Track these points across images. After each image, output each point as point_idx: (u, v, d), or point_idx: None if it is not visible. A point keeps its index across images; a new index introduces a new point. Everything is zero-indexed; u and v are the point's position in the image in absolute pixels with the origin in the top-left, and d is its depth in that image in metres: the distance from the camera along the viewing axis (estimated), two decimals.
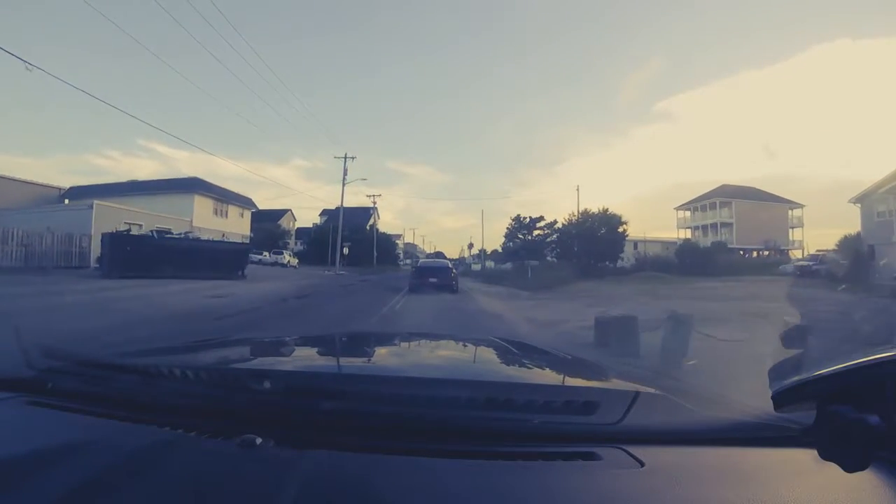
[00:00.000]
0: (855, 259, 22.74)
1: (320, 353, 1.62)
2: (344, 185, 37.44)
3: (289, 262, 39.23)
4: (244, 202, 40.75)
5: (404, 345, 1.79)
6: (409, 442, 0.74)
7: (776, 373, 0.80)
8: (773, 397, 0.78)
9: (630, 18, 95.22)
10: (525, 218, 42.59)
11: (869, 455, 0.63)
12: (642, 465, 0.69)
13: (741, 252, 41.12)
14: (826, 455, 0.67)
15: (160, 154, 79.49)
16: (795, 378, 0.75)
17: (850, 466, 0.63)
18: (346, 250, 37.62)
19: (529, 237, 41.95)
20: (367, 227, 53.47)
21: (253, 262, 35.88)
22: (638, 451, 0.72)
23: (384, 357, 1.60)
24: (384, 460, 0.70)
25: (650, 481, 0.67)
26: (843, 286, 15.57)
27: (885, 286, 15.27)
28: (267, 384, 0.90)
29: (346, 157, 37.82)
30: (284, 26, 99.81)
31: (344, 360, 1.50)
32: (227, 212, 37.64)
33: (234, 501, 0.61)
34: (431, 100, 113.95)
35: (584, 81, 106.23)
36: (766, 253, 42.43)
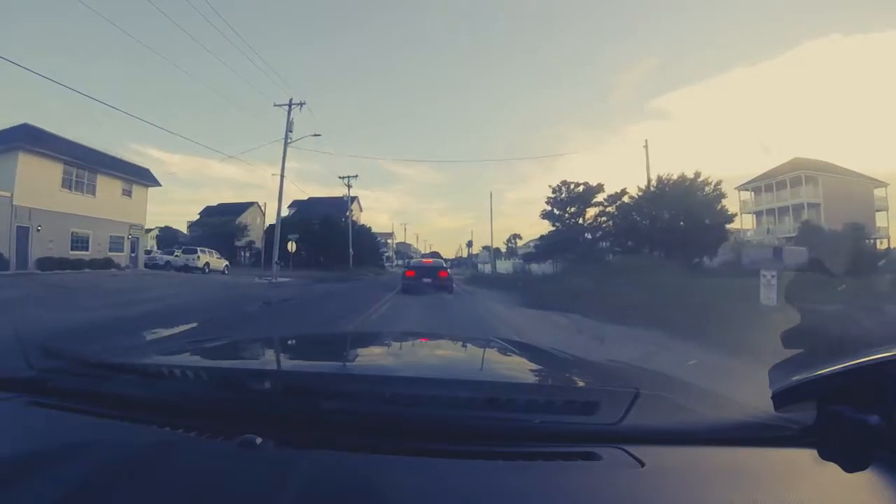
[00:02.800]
0: None
1: (320, 353, 1.62)
2: (287, 144, 23.39)
3: (207, 264, 27.08)
4: (133, 173, 25.25)
5: (404, 345, 1.79)
6: (409, 442, 0.74)
7: (776, 373, 0.80)
8: (773, 397, 0.78)
9: (625, 15, 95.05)
10: (576, 186, 25.55)
11: (869, 455, 0.63)
12: (642, 465, 0.69)
13: None
14: (826, 455, 0.67)
15: (153, 158, 78.00)
16: (795, 378, 0.76)
17: (850, 466, 0.64)
18: (292, 246, 25.77)
19: (581, 220, 25.38)
20: (343, 221, 41.26)
21: (158, 266, 26.08)
22: (638, 451, 0.72)
23: (384, 357, 1.60)
24: (384, 460, 0.70)
25: (650, 481, 0.67)
26: None
27: None
28: (267, 384, 0.90)
29: (290, 105, 23.36)
30: (278, 26, 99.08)
31: (344, 360, 1.50)
32: (93, 185, 22.69)
33: (234, 501, 0.61)
34: (427, 100, 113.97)
35: (580, 78, 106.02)
36: None
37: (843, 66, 71.75)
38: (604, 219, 25.24)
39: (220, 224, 40.51)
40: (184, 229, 45.79)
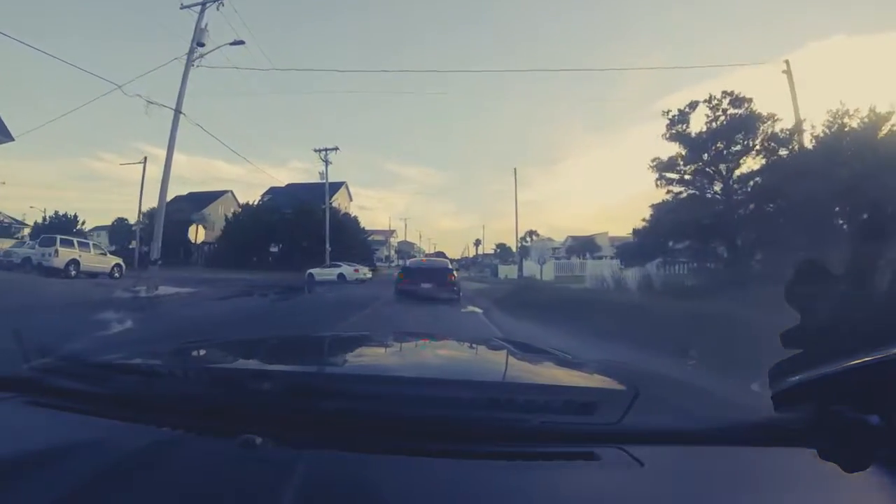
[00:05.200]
0: None
1: (321, 353, 1.62)
2: (190, 60, 14.63)
3: (74, 262, 18.25)
4: None
5: (405, 345, 1.78)
6: (409, 442, 0.74)
7: (776, 373, 0.80)
8: (772, 397, 0.78)
9: (629, 14, 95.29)
10: (734, 101, 11.50)
11: (869, 455, 0.63)
12: (642, 465, 0.69)
13: None
14: (826, 455, 0.67)
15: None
16: (795, 378, 0.76)
17: (850, 466, 0.64)
18: (197, 233, 17.32)
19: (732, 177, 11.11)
20: (323, 210, 31.19)
21: (13, 264, 17.35)
22: (638, 451, 0.72)
23: (385, 357, 1.60)
24: (384, 460, 0.70)
25: (650, 481, 0.67)
26: None
27: None
28: (267, 384, 0.90)
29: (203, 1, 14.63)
30: (279, 21, 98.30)
31: (344, 360, 1.50)
32: None
33: (234, 501, 0.60)
34: (431, 99, 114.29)
35: (582, 79, 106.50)
36: None
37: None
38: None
39: (174, 216, 30.90)
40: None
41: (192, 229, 17.59)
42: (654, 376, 1.30)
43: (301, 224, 32.00)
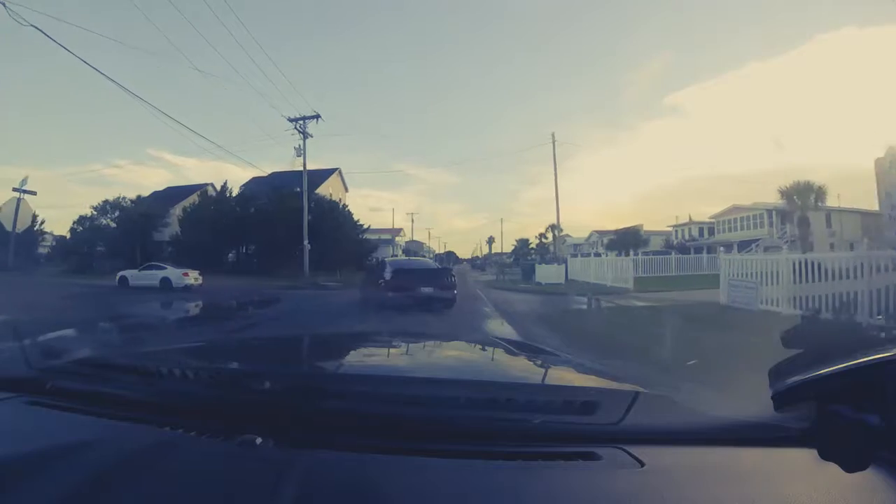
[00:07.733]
0: None
1: (320, 353, 1.62)
2: None
3: None
4: None
5: (404, 345, 1.78)
6: (409, 442, 0.74)
7: (776, 373, 0.80)
8: (773, 397, 0.78)
9: (636, 11, 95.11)
10: None
11: (869, 455, 0.63)
12: (642, 465, 0.69)
13: None
14: (826, 455, 0.67)
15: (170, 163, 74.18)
16: (795, 378, 0.76)
17: (850, 466, 0.64)
18: (24, 214, 11.65)
19: None
20: (309, 200, 24.64)
21: None
22: (638, 451, 0.72)
23: (384, 357, 1.60)
24: (384, 460, 0.70)
25: (650, 481, 0.67)
26: None
27: None
28: (267, 384, 0.90)
29: None
30: (284, 20, 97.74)
31: (344, 360, 1.50)
32: None
33: (234, 501, 0.61)
34: (438, 99, 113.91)
35: (591, 76, 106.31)
36: None
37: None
38: None
39: (134, 212, 27.06)
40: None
41: (3, 208, 10.70)
42: (654, 377, 1.31)
43: (272, 217, 25.73)
